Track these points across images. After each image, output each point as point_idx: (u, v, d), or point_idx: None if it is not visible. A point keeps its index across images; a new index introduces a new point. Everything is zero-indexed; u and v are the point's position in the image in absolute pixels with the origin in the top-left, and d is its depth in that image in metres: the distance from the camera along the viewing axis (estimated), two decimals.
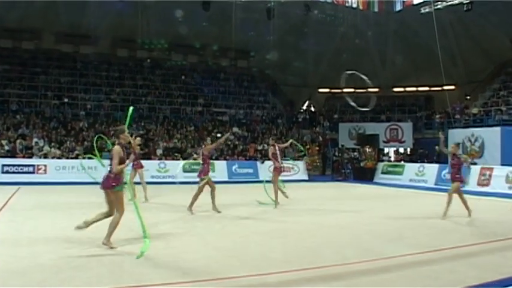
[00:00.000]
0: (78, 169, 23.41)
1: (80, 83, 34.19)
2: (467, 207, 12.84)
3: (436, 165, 24.78)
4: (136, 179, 15.70)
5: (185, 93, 36.71)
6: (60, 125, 28.86)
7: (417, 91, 42.78)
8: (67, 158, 24.91)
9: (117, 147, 8.32)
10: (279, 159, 15.07)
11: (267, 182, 15.77)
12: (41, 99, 31.47)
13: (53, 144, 25.82)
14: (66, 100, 31.94)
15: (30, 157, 24.20)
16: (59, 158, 24.67)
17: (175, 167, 24.63)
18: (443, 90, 34.34)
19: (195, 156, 25.09)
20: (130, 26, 34.00)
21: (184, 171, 24.88)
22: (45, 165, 23.26)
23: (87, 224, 8.32)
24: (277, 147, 15.06)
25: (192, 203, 12.79)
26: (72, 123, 29.23)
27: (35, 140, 25.81)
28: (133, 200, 8.70)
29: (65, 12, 32.73)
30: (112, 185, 8.23)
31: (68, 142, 26.49)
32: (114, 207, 8.34)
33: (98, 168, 23.14)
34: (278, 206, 14.42)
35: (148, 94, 35.48)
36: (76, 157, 25.04)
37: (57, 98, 31.92)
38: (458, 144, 12.93)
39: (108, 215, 8.42)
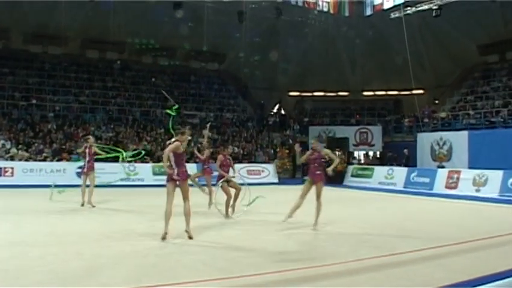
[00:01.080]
0: (47, 171, 23.19)
1: (49, 84, 33.71)
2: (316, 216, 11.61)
3: (405, 169, 25.02)
4: None
5: (155, 95, 36.45)
6: (27, 126, 28.40)
7: (386, 95, 43.17)
8: (35, 160, 24.54)
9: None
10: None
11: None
12: (8, 100, 30.91)
13: (20, 146, 25.41)
14: (34, 101, 31.46)
15: None
16: (26, 160, 24.30)
17: (145, 170, 24.57)
18: (412, 94, 34.71)
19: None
20: (101, 27, 33.62)
21: (154, 174, 24.76)
22: (12, 168, 22.81)
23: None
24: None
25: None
26: (40, 125, 28.81)
27: (1, 141, 25.34)
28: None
29: (34, 12, 32.21)
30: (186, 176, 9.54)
31: (36, 144, 26.11)
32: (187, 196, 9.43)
33: (66, 170, 23.11)
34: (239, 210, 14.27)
35: (118, 96, 35.15)
36: (44, 159, 24.70)
37: (25, 99, 31.41)
38: (318, 137, 12.68)
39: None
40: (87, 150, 15.27)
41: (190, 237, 9.28)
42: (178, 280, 6.43)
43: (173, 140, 9.69)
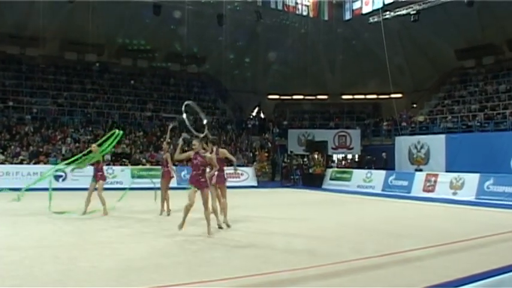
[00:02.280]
0: (23, 174, 22.93)
1: (26, 86, 33.34)
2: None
3: (383, 172, 25.12)
4: None
5: (134, 98, 36.29)
6: (4, 129, 28.09)
7: (365, 99, 43.42)
8: (11, 163, 24.25)
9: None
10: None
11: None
12: None
13: None
14: (11, 103, 31.09)
15: None
16: (2, 163, 24.01)
17: (124, 173, 24.49)
18: (391, 98, 35.00)
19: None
20: (80, 28, 33.31)
21: (133, 176, 24.61)
22: None
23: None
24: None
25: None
26: (17, 128, 28.52)
27: None
28: None
29: (11, 13, 31.83)
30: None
31: (13, 147, 25.83)
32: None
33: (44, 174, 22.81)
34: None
35: (97, 98, 34.89)
36: (21, 162, 24.45)
37: (2, 102, 31.00)
38: (202, 139, 11.40)
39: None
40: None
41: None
42: (184, 280, 6.41)
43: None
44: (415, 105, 39.32)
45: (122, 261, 7.75)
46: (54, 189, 15.78)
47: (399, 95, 38.83)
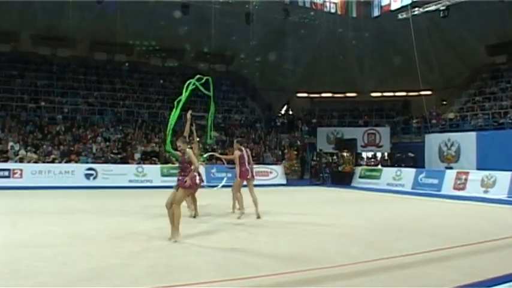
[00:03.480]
0: (55, 173, 23.33)
1: (57, 86, 33.89)
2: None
3: (413, 170, 24.92)
4: None
5: (163, 97, 36.55)
6: (36, 128, 28.59)
7: (395, 96, 43.12)
8: (43, 162, 24.66)
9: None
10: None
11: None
12: (17, 103, 31.16)
13: (29, 148, 25.58)
14: (42, 104, 31.68)
15: (6, 161, 23.94)
16: (35, 162, 24.44)
17: (154, 171, 24.76)
18: (420, 95, 34.65)
19: None
20: (109, 29, 33.71)
21: (163, 175, 24.83)
22: (20, 170, 22.96)
23: None
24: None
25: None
26: (48, 127, 28.99)
27: (10, 144, 25.53)
28: None
29: (43, 14, 32.41)
30: None
31: (45, 146, 26.25)
32: None
33: (75, 172, 23.23)
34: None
35: (127, 98, 35.30)
36: (52, 161, 24.84)
37: (34, 102, 31.63)
38: (184, 137, 10.88)
39: None
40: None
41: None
42: (191, 281, 6.50)
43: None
44: (445, 103, 38.91)
45: (153, 258, 7.87)
46: (84, 187, 15.99)
47: (429, 92, 38.44)
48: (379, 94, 43.47)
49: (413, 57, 27.85)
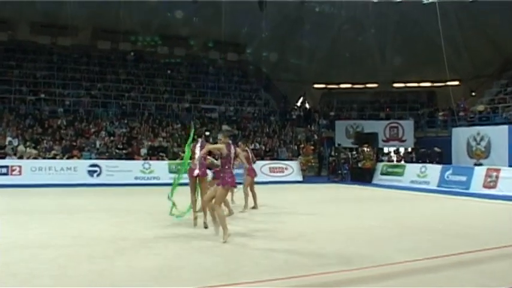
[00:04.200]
0: (56, 170, 23.42)
1: (58, 77, 33.98)
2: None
3: (439, 166, 24.76)
4: None
5: (171, 88, 36.60)
6: (36, 122, 28.67)
7: (419, 87, 42.86)
8: (44, 158, 24.75)
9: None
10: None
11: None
12: (15, 95, 31.23)
13: (28, 143, 25.67)
14: (42, 96, 31.77)
15: (4, 157, 23.99)
16: (35, 158, 24.53)
17: (161, 168, 24.79)
18: (447, 86, 34.38)
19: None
20: (112, 16, 33.80)
21: (171, 172, 24.86)
22: (19, 166, 22.97)
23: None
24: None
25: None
26: (49, 121, 29.05)
27: (8, 139, 25.63)
28: None
29: (41, 1, 32.51)
30: None
31: (45, 141, 26.34)
32: None
33: (77, 169, 23.33)
34: (265, 209, 14.45)
35: (132, 89, 35.36)
36: (53, 157, 24.92)
37: (33, 94, 31.73)
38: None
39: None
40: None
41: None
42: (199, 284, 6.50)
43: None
44: (474, 94, 38.59)
45: (160, 260, 7.89)
46: (87, 184, 16.06)
47: (456, 83, 38.19)
48: (402, 85, 43.19)
49: (440, 44, 27.64)
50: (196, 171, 11.03)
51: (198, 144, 11.25)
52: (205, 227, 10.64)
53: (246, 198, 14.52)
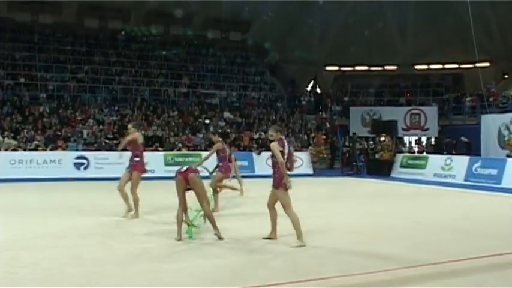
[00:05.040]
0: (38, 163, 23.42)
1: (40, 59, 33.99)
2: None
3: (466, 158, 24.71)
4: None
5: (167, 71, 36.57)
6: (15, 110, 28.66)
7: (444, 69, 42.80)
8: (24, 149, 24.76)
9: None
10: None
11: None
12: None
13: (6, 133, 25.66)
14: (22, 80, 31.73)
15: None
16: (14, 150, 24.54)
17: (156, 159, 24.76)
18: (476, 67, 34.29)
19: None
20: None
21: (167, 164, 24.88)
22: None
23: None
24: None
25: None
26: (30, 108, 29.08)
27: None
28: None
29: None
30: None
31: (26, 131, 26.35)
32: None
33: (62, 161, 23.25)
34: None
35: (123, 73, 35.33)
36: (35, 148, 24.89)
37: (11, 78, 31.71)
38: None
39: None
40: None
41: None
42: None
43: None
44: (506, 76, 38.52)
45: (153, 261, 7.92)
46: (75, 178, 16.06)
47: (486, 64, 38.11)
48: (424, 67, 43.19)
49: (468, 21, 27.51)
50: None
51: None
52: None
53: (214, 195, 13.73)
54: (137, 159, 12.30)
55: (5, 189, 18.78)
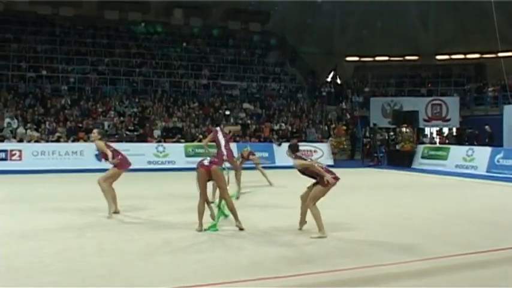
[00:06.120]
0: (60, 154, 23.57)
1: (61, 51, 34.13)
2: None
3: (488, 149, 24.51)
4: None
5: (187, 63, 36.60)
6: (37, 102, 28.85)
7: (466, 59, 42.41)
8: (46, 141, 24.92)
9: None
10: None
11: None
12: (14, 72, 31.40)
13: (28, 125, 25.83)
14: (44, 72, 31.90)
15: (2, 141, 24.24)
16: (36, 141, 24.70)
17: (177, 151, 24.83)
18: (498, 57, 33.96)
19: None
20: None
21: (187, 155, 24.94)
22: (20, 151, 23.21)
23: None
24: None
25: None
26: (51, 100, 29.21)
27: (7, 120, 25.81)
28: None
29: None
30: None
31: (48, 123, 26.50)
32: None
33: (84, 152, 23.44)
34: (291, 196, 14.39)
35: (143, 64, 35.41)
36: (57, 140, 25.04)
37: (33, 70, 31.88)
38: None
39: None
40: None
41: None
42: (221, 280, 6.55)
43: None
44: None
45: (174, 252, 7.98)
46: (95, 170, 16.11)
47: (509, 54, 37.71)
48: (446, 57, 42.84)
49: (490, 9, 27.26)
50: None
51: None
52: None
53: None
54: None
55: (28, 180, 18.98)
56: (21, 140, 24.51)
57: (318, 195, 9.45)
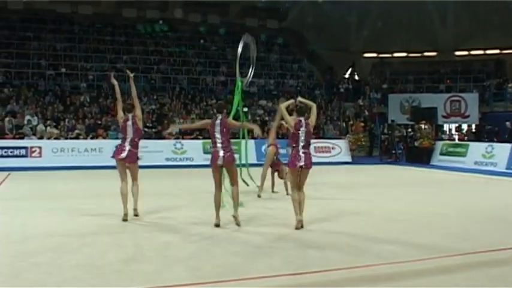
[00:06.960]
0: (80, 151, 23.71)
1: (80, 49, 34.35)
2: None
3: (508, 145, 24.35)
4: None
5: (205, 60, 36.69)
6: (56, 99, 29.07)
7: (485, 55, 42.16)
8: (66, 138, 25.08)
9: None
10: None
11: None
12: (34, 70, 31.69)
13: (48, 122, 25.99)
14: (63, 70, 32.15)
15: (22, 138, 24.37)
16: (56, 138, 24.85)
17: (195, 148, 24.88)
18: None
19: None
20: None
21: (205, 152, 24.97)
22: (39, 147, 23.34)
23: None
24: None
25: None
26: (71, 97, 29.41)
27: (27, 117, 25.98)
28: None
29: None
30: None
31: (67, 120, 26.65)
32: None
33: (103, 150, 23.53)
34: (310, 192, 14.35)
35: (161, 62, 35.56)
36: (76, 137, 25.18)
37: (53, 68, 32.14)
38: None
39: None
40: None
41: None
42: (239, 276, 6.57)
43: None
44: None
45: (192, 248, 8.01)
46: (114, 167, 16.17)
47: None
48: (465, 52, 42.60)
49: (510, 5, 27.11)
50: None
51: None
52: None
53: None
54: None
55: (48, 177, 19.12)
56: (41, 137, 24.67)
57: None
